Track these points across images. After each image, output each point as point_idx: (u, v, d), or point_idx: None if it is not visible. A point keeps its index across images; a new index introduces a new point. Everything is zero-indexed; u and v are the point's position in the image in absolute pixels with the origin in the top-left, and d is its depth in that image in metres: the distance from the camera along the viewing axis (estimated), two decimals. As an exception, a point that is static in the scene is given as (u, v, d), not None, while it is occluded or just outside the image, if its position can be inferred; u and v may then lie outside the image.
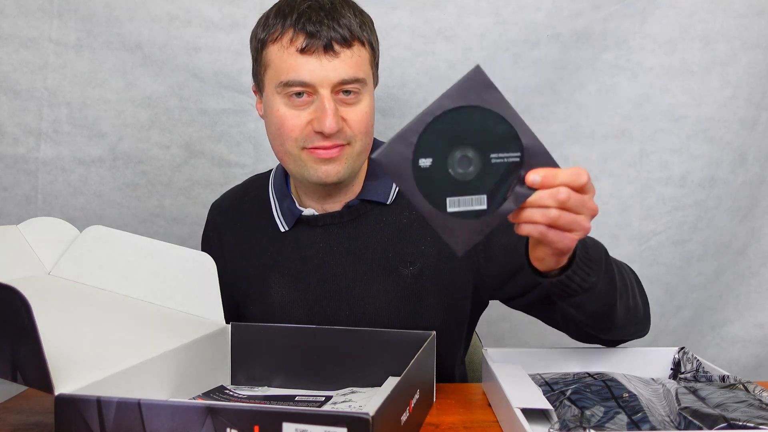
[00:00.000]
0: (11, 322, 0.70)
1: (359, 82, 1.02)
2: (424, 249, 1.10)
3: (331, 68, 1.00)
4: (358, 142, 1.04)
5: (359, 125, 1.03)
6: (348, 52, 1.01)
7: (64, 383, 0.72)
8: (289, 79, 1.00)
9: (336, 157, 1.03)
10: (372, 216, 1.12)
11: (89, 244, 1.05)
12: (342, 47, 1.00)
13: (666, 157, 1.56)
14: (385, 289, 1.09)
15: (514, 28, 1.50)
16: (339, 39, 0.99)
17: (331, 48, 0.99)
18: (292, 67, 1.00)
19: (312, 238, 1.13)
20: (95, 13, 1.49)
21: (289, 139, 1.03)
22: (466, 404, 0.98)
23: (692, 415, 0.81)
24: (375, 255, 1.10)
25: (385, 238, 1.11)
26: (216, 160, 1.56)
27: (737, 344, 1.64)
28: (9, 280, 0.73)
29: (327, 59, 0.99)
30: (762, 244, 1.62)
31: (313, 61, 0.99)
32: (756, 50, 1.52)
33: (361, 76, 1.02)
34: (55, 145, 1.53)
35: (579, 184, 0.77)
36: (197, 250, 1.03)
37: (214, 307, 1.01)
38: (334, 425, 0.65)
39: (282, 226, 1.14)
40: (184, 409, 0.69)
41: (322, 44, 0.99)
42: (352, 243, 1.11)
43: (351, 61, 1.01)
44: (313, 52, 0.99)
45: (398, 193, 1.13)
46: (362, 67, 1.02)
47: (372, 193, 1.12)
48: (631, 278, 1.00)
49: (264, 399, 0.95)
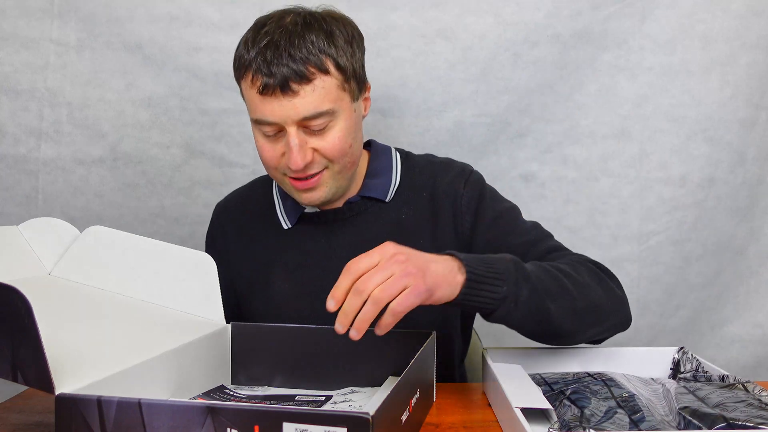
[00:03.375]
0: (12, 323, 0.71)
1: (324, 114, 1.00)
2: (422, 243, 1.10)
3: (291, 107, 0.98)
4: (336, 164, 1.05)
5: (332, 151, 1.03)
6: (308, 88, 0.98)
7: (64, 383, 0.72)
8: (257, 117, 1.02)
9: (315, 186, 1.05)
10: (371, 212, 1.14)
11: (90, 244, 1.05)
12: (300, 84, 0.97)
13: (665, 157, 1.56)
14: None
15: (514, 28, 1.50)
16: (295, 77, 0.97)
17: (288, 88, 0.97)
18: (257, 107, 1.01)
19: (314, 234, 1.15)
20: (96, 14, 1.49)
21: (271, 167, 1.06)
22: (466, 404, 0.98)
23: (692, 415, 0.81)
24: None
25: (384, 234, 1.12)
26: (216, 160, 1.56)
27: (736, 344, 1.64)
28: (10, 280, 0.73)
29: (286, 99, 0.98)
30: (761, 244, 1.62)
31: (273, 102, 0.99)
32: (755, 50, 1.52)
33: (325, 109, 1.00)
34: (56, 145, 1.53)
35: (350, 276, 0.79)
36: (198, 251, 1.04)
37: (215, 307, 1.01)
38: (334, 425, 0.65)
39: (285, 224, 1.17)
40: (185, 408, 0.69)
41: (278, 85, 0.97)
42: (352, 238, 1.13)
43: (312, 96, 0.98)
44: (272, 94, 0.98)
45: (397, 190, 1.15)
46: (327, 97, 1.00)
47: (372, 191, 1.14)
48: (580, 279, 0.97)
49: (264, 399, 0.95)
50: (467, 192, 1.14)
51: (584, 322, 0.96)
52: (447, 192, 1.14)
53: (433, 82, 1.52)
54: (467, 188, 1.14)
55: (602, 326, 0.99)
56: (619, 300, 1.02)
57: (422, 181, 1.16)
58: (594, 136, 1.56)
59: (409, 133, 1.55)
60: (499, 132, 1.55)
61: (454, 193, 1.14)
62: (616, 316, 1.01)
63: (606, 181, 1.57)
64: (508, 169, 1.57)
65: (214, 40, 1.49)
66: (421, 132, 1.55)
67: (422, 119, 1.54)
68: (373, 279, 0.78)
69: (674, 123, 1.55)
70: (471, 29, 1.50)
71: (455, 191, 1.14)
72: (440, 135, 1.55)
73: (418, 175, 1.17)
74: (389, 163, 1.17)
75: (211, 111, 1.53)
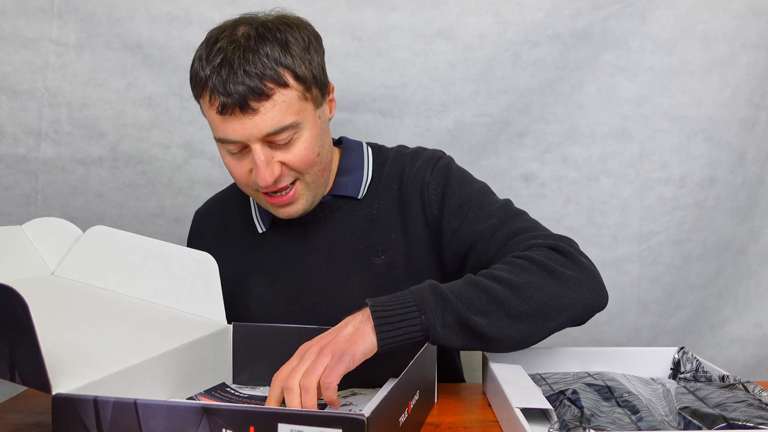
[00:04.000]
0: (10, 322, 0.71)
1: (288, 128, 0.98)
2: (394, 237, 1.11)
3: (252, 125, 0.96)
4: (307, 174, 1.04)
5: (299, 163, 1.01)
6: (267, 104, 0.96)
7: (63, 383, 0.72)
8: (220, 137, 1.00)
9: (292, 200, 1.05)
10: (344, 210, 1.14)
11: (92, 244, 1.05)
12: (260, 101, 0.96)
13: (666, 157, 1.56)
14: (360, 281, 1.11)
15: (514, 28, 1.50)
16: (253, 95, 0.95)
17: (248, 106, 0.95)
18: (218, 127, 0.99)
19: (288, 236, 1.15)
20: (95, 14, 1.49)
21: (242, 184, 1.06)
22: (466, 404, 0.98)
23: (692, 415, 0.81)
24: (349, 248, 1.13)
25: (357, 231, 1.12)
26: (216, 160, 1.56)
27: (736, 344, 1.64)
28: (13, 280, 0.74)
29: (247, 118, 0.96)
30: (761, 244, 1.61)
31: (234, 121, 0.97)
32: (755, 50, 1.52)
33: (288, 123, 0.98)
34: (56, 145, 1.53)
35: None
36: (199, 251, 1.04)
37: (216, 307, 1.02)
38: (330, 426, 0.65)
39: (260, 228, 1.17)
40: (180, 409, 0.69)
41: (237, 105, 0.95)
42: (326, 238, 1.13)
43: (273, 112, 0.96)
44: (231, 113, 0.96)
45: (369, 187, 1.14)
46: (289, 110, 0.98)
47: (343, 189, 1.14)
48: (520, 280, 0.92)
49: (264, 399, 0.95)
50: (434, 178, 1.11)
51: (532, 325, 0.91)
52: (415, 181, 1.12)
53: (433, 82, 1.52)
54: (434, 174, 1.12)
55: (560, 319, 0.93)
56: (579, 285, 0.94)
57: (392, 174, 1.14)
58: (594, 136, 1.56)
59: (409, 133, 1.54)
60: (499, 132, 1.55)
61: (422, 180, 1.12)
62: (578, 303, 0.94)
63: (606, 181, 1.57)
64: (508, 169, 1.57)
65: (214, 40, 1.49)
66: (421, 132, 1.54)
67: (422, 119, 1.54)
68: (296, 374, 0.80)
69: (674, 123, 1.54)
70: (471, 29, 1.50)
71: (422, 179, 1.12)
72: (440, 135, 1.54)
73: (389, 168, 1.15)
74: (360, 160, 1.16)
75: (211, 111, 1.53)
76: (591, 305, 0.96)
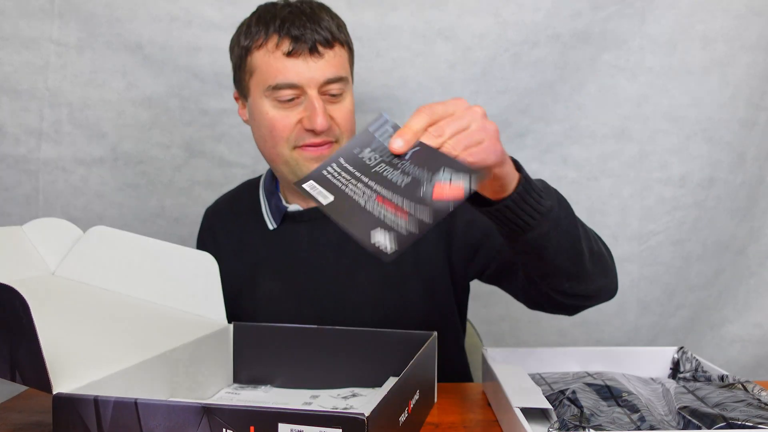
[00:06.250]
0: (10, 323, 0.71)
1: (342, 80, 1.07)
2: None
3: (317, 69, 1.05)
4: (344, 139, 1.09)
5: (345, 122, 1.09)
6: (331, 53, 1.06)
7: (64, 383, 0.73)
8: (278, 82, 1.05)
9: (326, 155, 1.07)
10: None
11: (93, 244, 1.06)
12: (325, 48, 1.05)
13: (665, 157, 1.56)
14: (368, 279, 1.13)
15: (514, 28, 1.50)
16: (322, 41, 1.05)
17: (316, 50, 1.04)
18: (279, 71, 1.05)
19: (298, 233, 1.17)
20: (96, 14, 1.49)
21: (281, 140, 1.08)
22: (466, 404, 0.98)
23: (691, 415, 0.81)
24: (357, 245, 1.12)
25: None
26: (216, 160, 1.56)
27: (736, 344, 1.64)
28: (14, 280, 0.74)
29: (313, 61, 1.05)
30: (761, 244, 1.62)
31: (300, 64, 1.04)
32: (755, 51, 1.52)
33: (344, 75, 1.08)
34: (56, 145, 1.53)
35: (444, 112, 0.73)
36: (200, 250, 1.04)
37: (216, 307, 1.02)
38: (330, 426, 0.65)
39: (270, 224, 1.19)
40: (181, 408, 0.69)
41: (308, 47, 1.04)
42: (335, 235, 1.14)
43: (334, 60, 1.06)
44: (300, 55, 1.04)
45: None
46: (344, 66, 1.09)
47: None
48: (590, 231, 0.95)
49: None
50: None
51: (597, 268, 0.92)
52: None
53: (433, 82, 1.52)
54: None
55: (603, 281, 0.95)
56: (612, 263, 0.99)
57: None
58: (594, 136, 1.56)
59: (409, 133, 1.54)
60: (499, 132, 1.55)
61: None
62: (612, 277, 0.98)
63: (606, 181, 1.57)
64: (508, 169, 1.57)
65: (214, 40, 1.49)
66: (421, 132, 1.54)
67: (422, 119, 1.54)
68: (450, 126, 0.72)
69: (674, 123, 1.55)
70: (471, 29, 1.50)
71: None
72: (440, 135, 1.54)
73: None
74: None
75: (211, 111, 1.53)
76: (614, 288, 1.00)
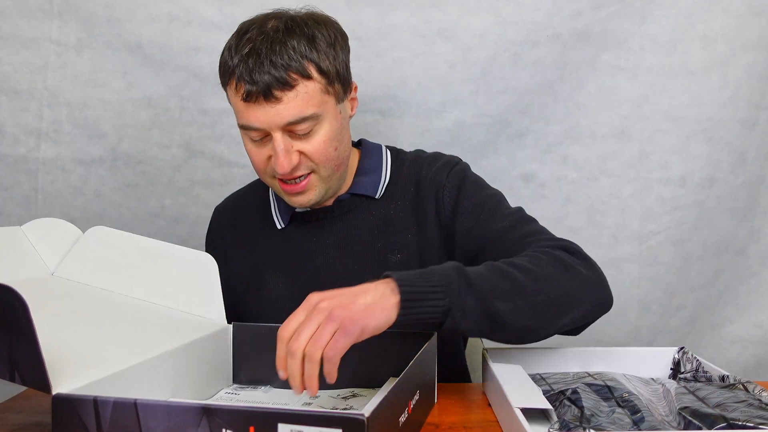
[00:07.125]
0: (10, 323, 0.71)
1: (308, 119, 1.02)
2: (410, 237, 1.13)
3: (275, 114, 1.00)
4: (323, 168, 1.07)
5: (318, 155, 1.05)
6: (290, 94, 1.00)
7: (63, 383, 0.72)
8: (242, 123, 1.04)
9: (304, 190, 1.07)
10: (361, 209, 1.16)
11: (92, 244, 1.06)
12: (283, 91, 0.99)
13: (666, 157, 1.56)
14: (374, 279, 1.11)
15: (514, 28, 1.50)
16: (277, 84, 0.99)
17: (271, 94, 0.99)
18: (242, 114, 1.03)
19: (305, 233, 1.17)
20: (95, 14, 1.49)
21: (260, 171, 1.09)
22: (466, 404, 0.98)
23: (692, 415, 0.81)
24: (365, 246, 1.14)
25: (374, 230, 1.14)
26: (216, 160, 1.56)
27: (736, 344, 1.64)
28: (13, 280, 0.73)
29: (269, 106, 1.00)
30: (761, 244, 1.61)
31: (257, 108, 1.01)
32: (755, 50, 1.52)
33: (309, 113, 1.01)
34: (56, 145, 1.53)
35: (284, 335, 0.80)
36: (199, 251, 1.04)
37: (216, 308, 1.02)
38: (329, 426, 0.65)
39: (279, 224, 1.19)
40: (180, 409, 0.69)
41: (261, 93, 0.99)
42: (343, 236, 1.14)
43: (295, 102, 1.00)
44: (255, 100, 1.00)
45: (387, 187, 1.17)
46: (310, 102, 1.01)
47: (362, 188, 1.16)
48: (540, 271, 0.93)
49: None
50: (449, 182, 1.14)
51: (547, 316, 0.92)
52: (431, 184, 1.15)
53: (433, 82, 1.52)
54: (449, 178, 1.15)
55: (573, 314, 0.94)
56: (591, 283, 0.97)
57: (410, 176, 1.17)
58: (594, 136, 1.56)
59: (409, 133, 1.55)
60: (499, 132, 1.55)
61: (437, 184, 1.14)
62: (590, 302, 0.96)
63: (606, 181, 1.57)
64: (508, 169, 1.57)
65: (214, 40, 1.49)
66: (421, 132, 1.54)
67: (422, 119, 1.54)
68: (301, 337, 0.78)
69: (674, 123, 1.54)
70: (471, 29, 1.50)
71: (438, 182, 1.15)
72: (440, 135, 1.54)
73: (406, 171, 1.18)
74: (379, 161, 1.19)
75: (211, 111, 1.53)
76: (600, 304, 0.98)
